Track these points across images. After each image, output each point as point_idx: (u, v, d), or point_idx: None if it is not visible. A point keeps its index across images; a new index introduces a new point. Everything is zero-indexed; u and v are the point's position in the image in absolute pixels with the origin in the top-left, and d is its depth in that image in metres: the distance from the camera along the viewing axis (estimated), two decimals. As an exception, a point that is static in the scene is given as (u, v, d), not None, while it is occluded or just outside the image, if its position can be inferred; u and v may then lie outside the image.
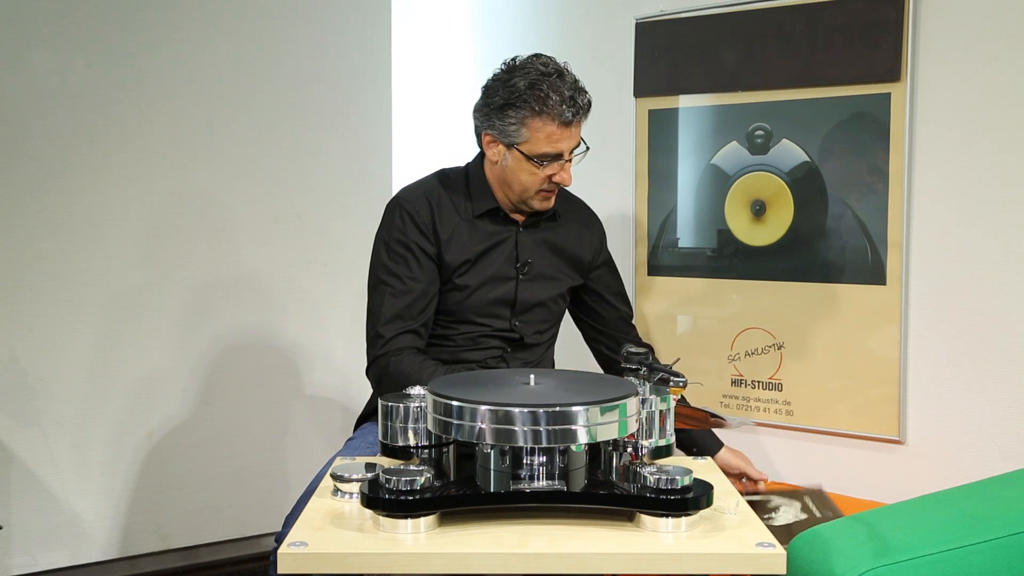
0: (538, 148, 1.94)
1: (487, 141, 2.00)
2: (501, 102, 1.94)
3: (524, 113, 1.92)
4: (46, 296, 2.71)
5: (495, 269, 2.06)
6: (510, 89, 1.92)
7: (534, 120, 1.92)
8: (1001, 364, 2.26)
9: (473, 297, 2.04)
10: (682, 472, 1.35)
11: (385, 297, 2.00)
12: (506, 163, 1.98)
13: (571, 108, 1.92)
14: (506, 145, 1.97)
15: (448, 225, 2.02)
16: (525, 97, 1.91)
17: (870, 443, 2.46)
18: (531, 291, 2.09)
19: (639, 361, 1.58)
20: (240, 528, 3.04)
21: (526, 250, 2.09)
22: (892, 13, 2.34)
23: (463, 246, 2.03)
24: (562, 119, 1.92)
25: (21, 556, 2.70)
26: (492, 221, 2.06)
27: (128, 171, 2.81)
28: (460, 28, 3.34)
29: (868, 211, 2.41)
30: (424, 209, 2.02)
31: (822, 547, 1.49)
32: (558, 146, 1.94)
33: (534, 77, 1.92)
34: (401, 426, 1.52)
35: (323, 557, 1.27)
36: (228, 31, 2.94)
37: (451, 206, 2.04)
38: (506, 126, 1.94)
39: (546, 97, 1.90)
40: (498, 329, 2.08)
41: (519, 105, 1.91)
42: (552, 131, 1.92)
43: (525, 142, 1.94)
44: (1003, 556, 1.41)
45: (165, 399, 2.90)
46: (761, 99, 2.58)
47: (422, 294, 2.00)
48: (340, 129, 3.16)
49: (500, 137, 1.97)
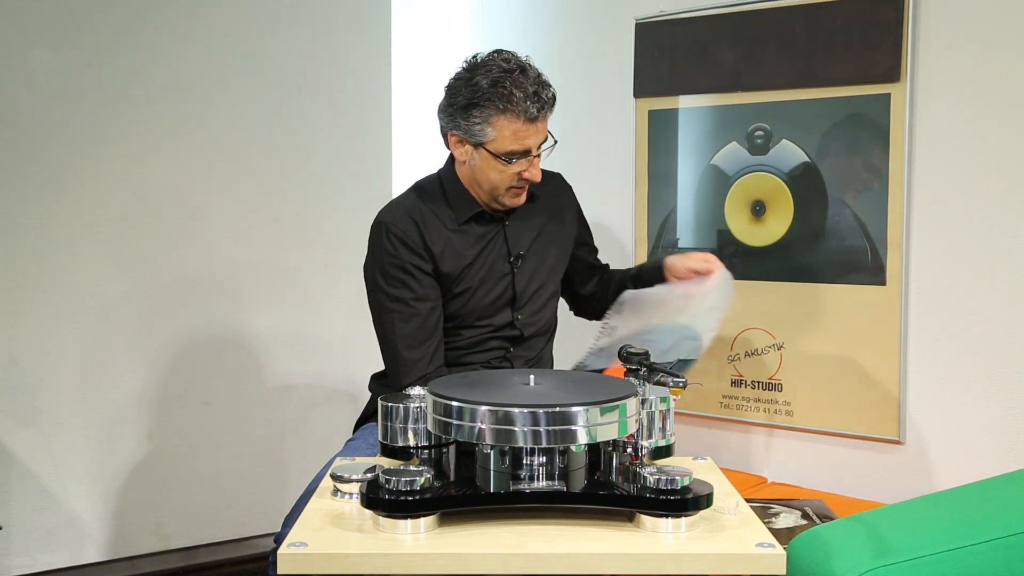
0: (505, 146, 1.92)
1: (454, 141, 1.99)
2: (465, 102, 1.91)
3: (489, 112, 1.89)
4: (46, 296, 2.71)
5: (491, 268, 2.05)
6: (473, 88, 1.90)
7: (499, 118, 1.90)
8: (1001, 364, 2.26)
9: (473, 300, 2.04)
10: (682, 472, 1.35)
11: (395, 324, 1.97)
12: (474, 162, 1.97)
13: (535, 103, 1.90)
14: (473, 145, 1.95)
15: (438, 238, 2.00)
16: (489, 95, 1.88)
17: (870, 443, 2.46)
18: (528, 281, 2.09)
19: (639, 361, 1.58)
20: (240, 528, 3.04)
21: (515, 242, 2.08)
22: (892, 13, 2.34)
23: (457, 254, 2.01)
24: (527, 115, 1.89)
25: (21, 556, 2.70)
26: (477, 223, 2.05)
27: (128, 171, 2.81)
28: (460, 28, 3.34)
29: (868, 211, 2.41)
30: (411, 228, 1.99)
31: (822, 547, 1.49)
32: (525, 143, 1.92)
33: (496, 75, 1.89)
34: (401, 426, 1.52)
35: (323, 557, 1.27)
36: (228, 31, 2.94)
37: (435, 219, 2.02)
38: (471, 126, 1.92)
39: (510, 94, 1.88)
40: (500, 328, 2.08)
41: (483, 104, 1.89)
42: (518, 128, 1.90)
43: (491, 141, 1.92)
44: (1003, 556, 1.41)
45: (165, 399, 2.90)
46: (761, 99, 2.58)
47: (430, 311, 1.98)
48: (340, 129, 3.17)
49: (466, 137, 1.95)
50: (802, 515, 2.16)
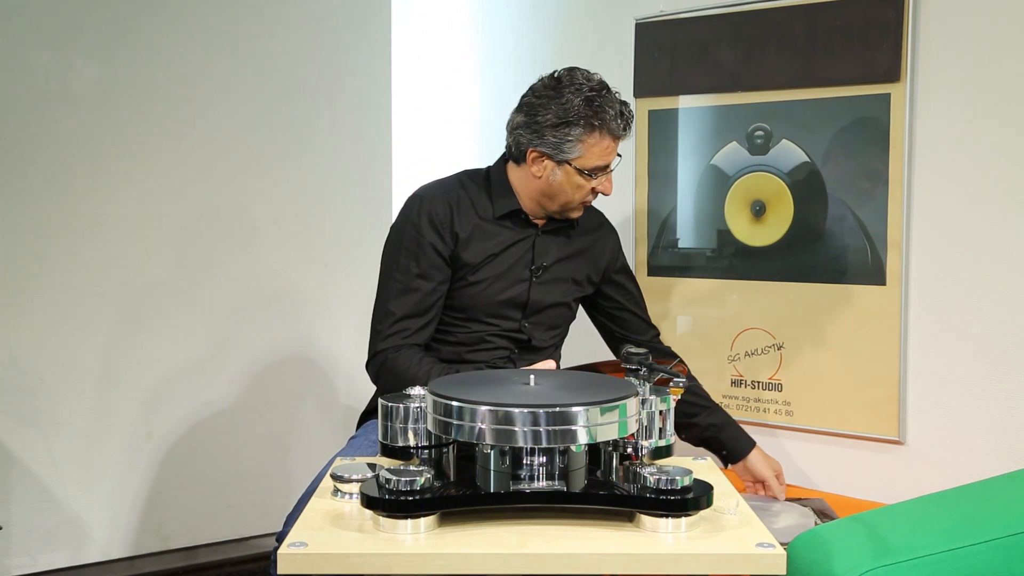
0: (591, 162, 1.97)
1: (534, 157, 2.01)
2: (555, 120, 1.95)
3: (581, 129, 1.95)
4: (46, 297, 2.71)
5: (510, 270, 2.07)
6: (563, 106, 1.95)
7: (591, 135, 1.95)
8: (1001, 364, 2.26)
9: (485, 295, 2.05)
10: (682, 472, 1.35)
11: (392, 292, 2.02)
12: (554, 177, 2.00)
13: (623, 122, 1.98)
14: (556, 161, 1.98)
15: (467, 224, 2.04)
16: (583, 114, 1.94)
17: (870, 443, 2.46)
18: (543, 294, 2.11)
19: (639, 361, 1.58)
20: (240, 528, 3.04)
21: (542, 254, 2.11)
22: (892, 13, 2.34)
23: (481, 245, 2.04)
24: (615, 134, 1.97)
25: (21, 556, 2.70)
26: (512, 223, 2.08)
27: (128, 172, 2.81)
28: (460, 28, 3.34)
29: (868, 211, 2.41)
30: (442, 207, 2.03)
31: (822, 547, 1.49)
32: (608, 158, 1.99)
33: (587, 93, 1.95)
34: (401, 426, 1.52)
35: (323, 557, 1.27)
36: (228, 32, 2.94)
37: (471, 206, 2.06)
38: (562, 142, 1.96)
39: (602, 112, 1.94)
40: (507, 330, 2.09)
41: (576, 122, 1.94)
42: (607, 145, 1.97)
43: (579, 157, 1.97)
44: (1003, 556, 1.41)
45: (165, 399, 2.90)
46: (761, 99, 2.58)
47: (429, 292, 2.01)
48: (340, 129, 3.16)
49: (552, 153, 1.98)
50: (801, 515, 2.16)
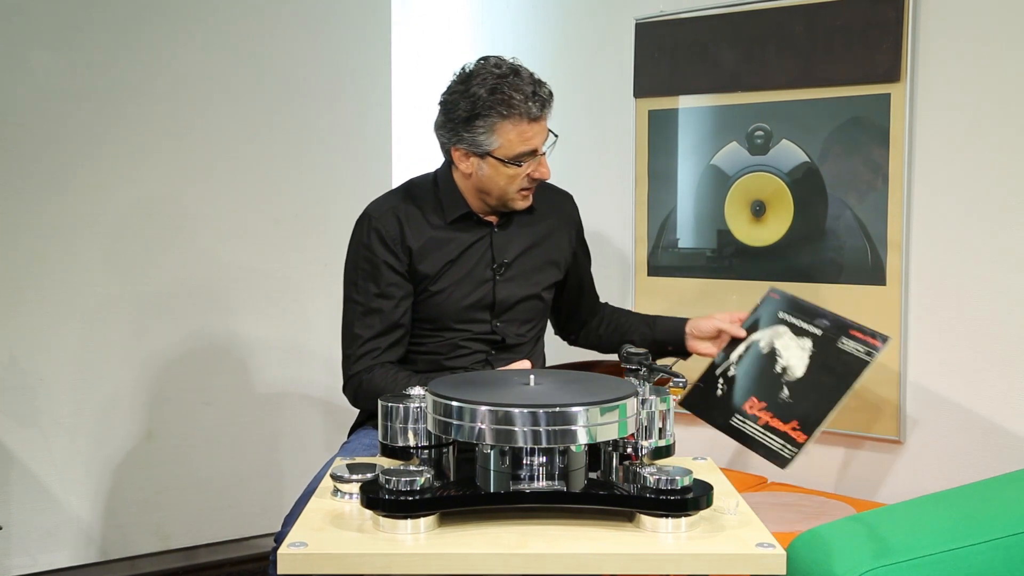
0: (512, 150, 1.92)
1: (458, 156, 1.97)
2: (465, 114, 1.91)
3: (492, 120, 1.89)
4: (46, 297, 2.71)
5: (471, 273, 2.03)
6: (471, 99, 1.90)
7: (503, 124, 1.90)
8: (1001, 364, 2.26)
9: (450, 302, 2.02)
10: (682, 472, 1.35)
11: (356, 315, 1.99)
12: (482, 172, 1.96)
13: (536, 103, 1.90)
14: (479, 156, 1.94)
15: (419, 236, 2.00)
16: (489, 103, 1.89)
17: (870, 443, 2.46)
18: (509, 290, 2.06)
19: (639, 361, 1.58)
20: (240, 528, 3.04)
21: (502, 250, 2.06)
22: (892, 13, 2.34)
23: (437, 254, 2.01)
24: (530, 116, 1.90)
25: (21, 556, 2.70)
26: (464, 226, 2.03)
27: (127, 172, 2.81)
28: (460, 28, 3.34)
29: (868, 211, 2.41)
30: (392, 224, 2.00)
31: (822, 547, 1.49)
32: (531, 143, 1.93)
33: (492, 82, 1.89)
34: (401, 426, 1.52)
35: (323, 558, 1.27)
36: (228, 32, 2.94)
37: (420, 216, 2.02)
38: (475, 137, 1.92)
39: (509, 99, 1.88)
40: (479, 333, 2.06)
41: (484, 113, 1.89)
42: (523, 130, 1.91)
43: (498, 148, 1.92)
44: (1003, 556, 1.41)
45: (165, 399, 2.90)
46: (761, 99, 2.58)
47: (392, 309, 1.98)
48: (340, 129, 3.16)
49: (472, 149, 1.94)
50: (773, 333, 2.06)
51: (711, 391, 2.04)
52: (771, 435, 1.91)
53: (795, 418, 1.89)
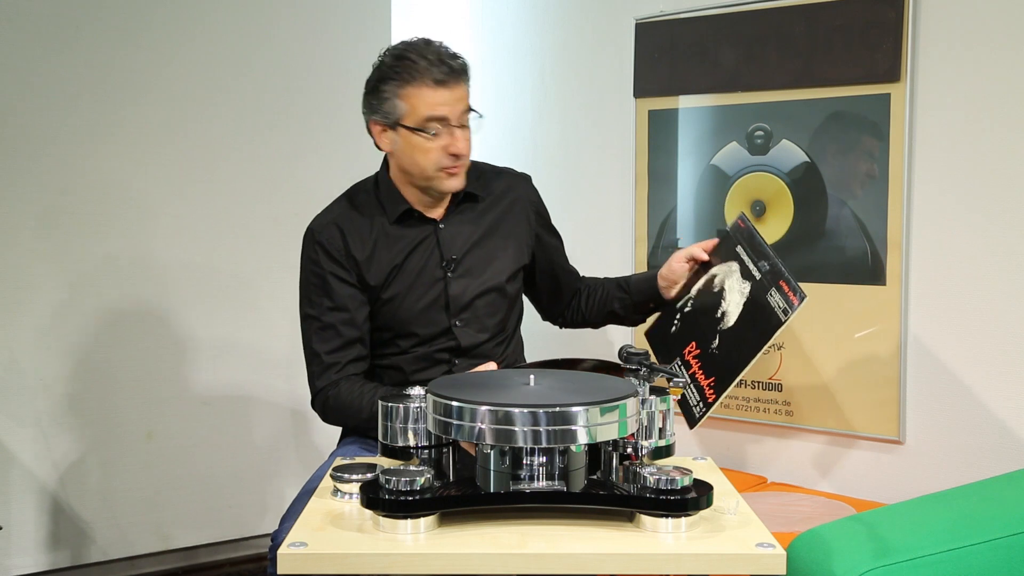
0: (419, 115, 1.88)
1: (376, 132, 1.96)
2: (374, 83, 1.92)
3: (395, 84, 1.88)
4: (46, 297, 2.71)
5: (421, 274, 1.98)
6: (378, 69, 1.92)
7: (406, 88, 1.88)
8: (1001, 364, 2.26)
9: (404, 307, 1.97)
10: (682, 472, 1.35)
11: (313, 332, 1.98)
12: (397, 147, 1.93)
13: (441, 68, 1.87)
14: (391, 126, 1.92)
15: (363, 245, 1.97)
16: (393, 68, 1.89)
17: (870, 443, 2.46)
18: (463, 287, 2.00)
19: (639, 361, 1.58)
20: (240, 528, 3.04)
21: (450, 246, 2.00)
22: (892, 13, 2.34)
23: (384, 260, 1.97)
24: (434, 79, 1.87)
25: (21, 556, 2.70)
26: (409, 225, 1.99)
27: (127, 172, 2.81)
28: (460, 28, 3.34)
29: (868, 211, 2.41)
30: (335, 236, 1.97)
31: (822, 547, 1.49)
32: (439, 110, 1.88)
33: (399, 50, 1.91)
34: (401, 426, 1.52)
35: (323, 557, 1.27)
36: (228, 32, 2.94)
37: (363, 223, 1.99)
38: (382, 104, 1.91)
39: (413, 63, 1.87)
40: (436, 337, 2.00)
41: (390, 77, 1.89)
42: (427, 94, 1.87)
43: (406, 115, 1.89)
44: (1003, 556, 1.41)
45: (165, 399, 2.90)
46: (761, 99, 2.58)
47: (348, 322, 1.95)
48: (340, 129, 3.16)
49: (383, 120, 1.92)
50: (741, 271, 1.93)
51: (667, 326, 1.99)
52: (694, 389, 1.83)
53: (714, 374, 1.81)
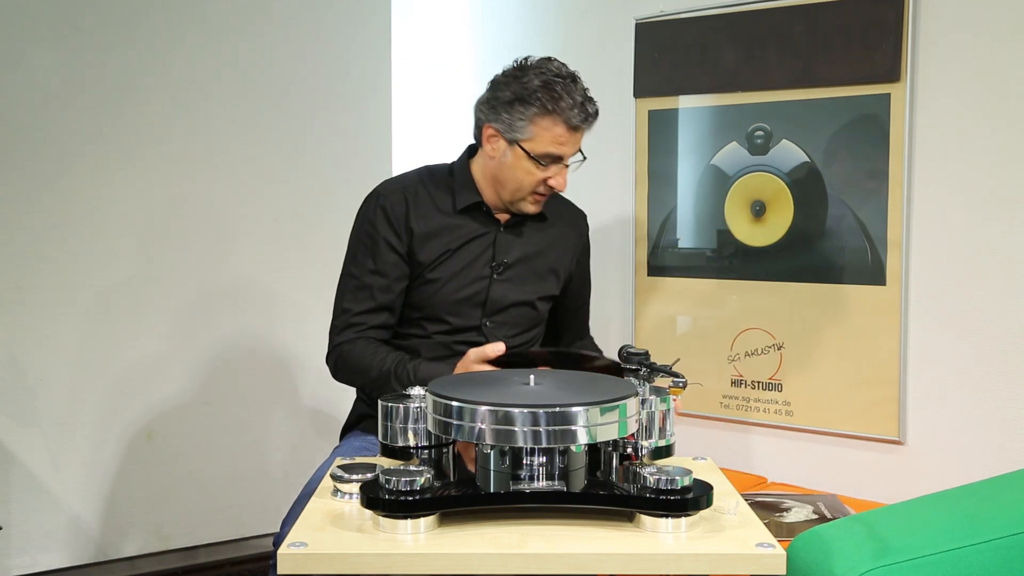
0: (541, 147, 1.92)
1: (488, 134, 1.97)
2: (511, 96, 1.92)
3: (534, 110, 1.90)
4: (46, 297, 2.71)
5: (469, 266, 2.01)
6: (523, 85, 1.91)
7: (543, 119, 1.90)
8: (1001, 364, 2.26)
9: (442, 293, 2.00)
10: (682, 473, 1.35)
11: (348, 289, 2.00)
12: (504, 159, 1.95)
13: (581, 113, 1.91)
14: (508, 140, 1.94)
15: (424, 220, 1.99)
16: (538, 95, 1.90)
17: (870, 443, 2.46)
18: (504, 291, 2.04)
19: (639, 361, 1.58)
20: (240, 528, 3.04)
21: (504, 250, 2.04)
22: (892, 13, 2.34)
23: (439, 240, 2.00)
24: (570, 123, 1.91)
25: (21, 556, 2.70)
26: (473, 217, 2.02)
27: (127, 172, 2.81)
28: (460, 28, 3.34)
29: (868, 211, 2.41)
30: (399, 203, 1.99)
31: (822, 547, 1.49)
32: (562, 149, 1.93)
33: (548, 77, 1.91)
34: (401, 426, 1.51)
35: (323, 558, 1.27)
36: (228, 32, 2.94)
37: (430, 201, 2.01)
38: (513, 120, 1.92)
39: (559, 98, 1.89)
40: (465, 330, 2.03)
41: (530, 101, 1.90)
42: (559, 133, 1.91)
43: (529, 140, 1.92)
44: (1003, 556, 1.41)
45: (165, 399, 2.90)
46: (761, 99, 2.58)
47: (385, 288, 1.98)
48: (340, 129, 3.17)
49: (504, 131, 1.94)
50: (813, 510, 2.16)
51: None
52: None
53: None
